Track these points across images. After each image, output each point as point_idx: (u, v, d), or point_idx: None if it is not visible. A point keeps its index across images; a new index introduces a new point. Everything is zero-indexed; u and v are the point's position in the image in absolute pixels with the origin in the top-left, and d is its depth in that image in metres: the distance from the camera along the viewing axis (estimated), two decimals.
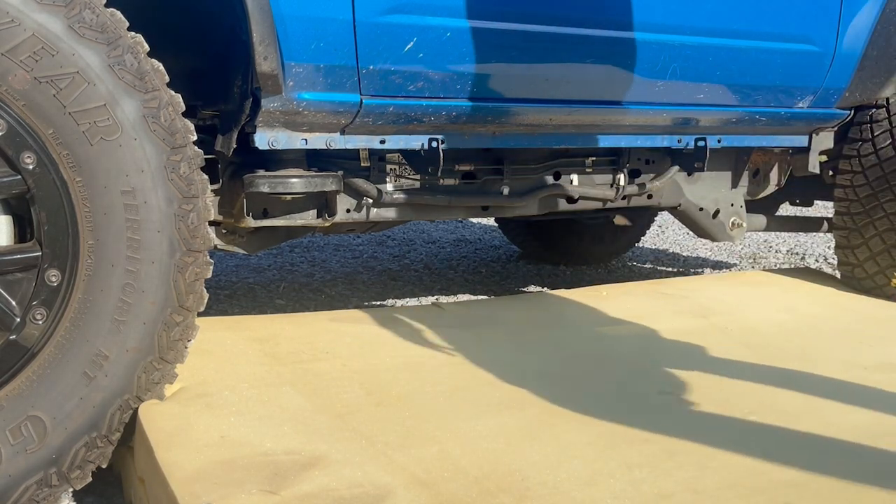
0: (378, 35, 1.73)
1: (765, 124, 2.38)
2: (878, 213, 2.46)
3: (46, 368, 1.31)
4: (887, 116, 2.44)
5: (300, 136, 1.80)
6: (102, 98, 1.31)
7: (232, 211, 1.91)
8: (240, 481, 1.20)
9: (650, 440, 1.38)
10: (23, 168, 1.27)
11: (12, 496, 1.30)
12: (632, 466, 1.29)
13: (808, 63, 2.29)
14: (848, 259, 2.57)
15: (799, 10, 2.23)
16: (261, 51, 1.61)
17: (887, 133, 2.43)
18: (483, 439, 1.37)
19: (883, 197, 2.43)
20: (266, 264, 3.55)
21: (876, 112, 2.46)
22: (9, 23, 1.23)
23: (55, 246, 1.31)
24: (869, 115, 2.47)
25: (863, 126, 2.48)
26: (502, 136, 2.06)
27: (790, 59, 2.26)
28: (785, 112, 2.36)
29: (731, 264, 3.96)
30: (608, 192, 2.34)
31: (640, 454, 1.33)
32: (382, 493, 1.18)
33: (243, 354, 1.70)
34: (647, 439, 1.38)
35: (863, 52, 2.35)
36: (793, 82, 2.30)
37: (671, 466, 1.29)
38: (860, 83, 2.39)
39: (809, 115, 2.42)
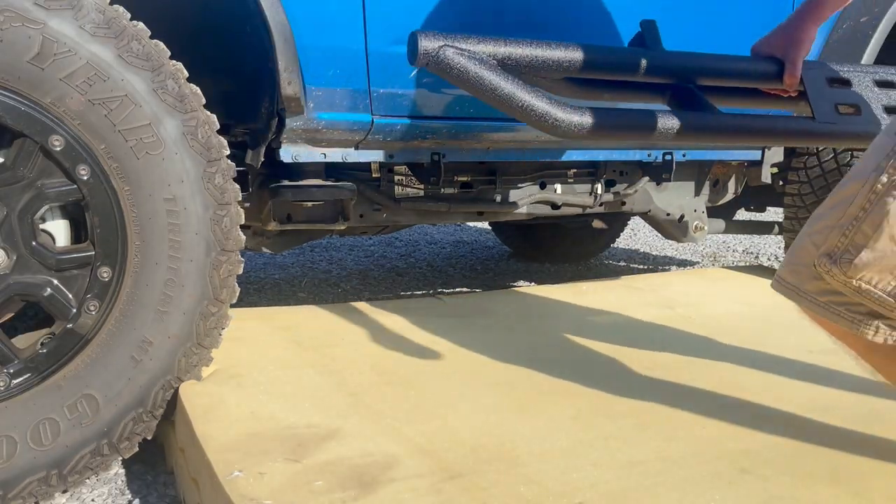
0: (387, 63, 1.73)
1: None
2: None
3: (99, 353, 1.31)
4: None
5: (320, 151, 1.79)
6: (147, 118, 1.30)
7: (260, 216, 1.91)
8: (267, 451, 1.19)
9: (625, 415, 1.37)
10: (78, 178, 1.27)
11: (70, 463, 1.30)
12: (609, 438, 1.29)
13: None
14: None
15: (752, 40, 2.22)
16: (285, 76, 1.60)
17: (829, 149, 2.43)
18: (479, 414, 1.37)
19: None
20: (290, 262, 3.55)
21: None
22: (66, 52, 1.23)
23: (106, 246, 1.30)
24: None
25: None
26: (495, 151, 2.06)
27: None
28: None
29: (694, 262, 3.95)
30: (587, 200, 2.34)
31: (617, 427, 1.33)
32: (391, 461, 1.18)
33: (270, 341, 1.70)
34: (623, 414, 1.38)
35: None
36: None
37: (643, 438, 1.29)
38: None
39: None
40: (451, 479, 1.13)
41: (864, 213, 1.01)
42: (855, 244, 1.02)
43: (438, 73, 1.19)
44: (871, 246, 1.01)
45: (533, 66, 1.27)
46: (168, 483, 1.44)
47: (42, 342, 1.30)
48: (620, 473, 1.17)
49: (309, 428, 1.28)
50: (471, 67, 1.16)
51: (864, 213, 1.01)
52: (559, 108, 1.24)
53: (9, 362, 1.26)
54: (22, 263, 1.26)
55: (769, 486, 1.15)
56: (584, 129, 1.24)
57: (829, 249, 1.04)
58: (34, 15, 1.21)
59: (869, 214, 1.01)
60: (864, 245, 1.01)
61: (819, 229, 1.07)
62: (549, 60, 1.27)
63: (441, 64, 1.16)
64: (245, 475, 1.11)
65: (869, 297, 1.02)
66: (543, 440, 1.27)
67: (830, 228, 1.05)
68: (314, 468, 1.15)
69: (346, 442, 1.24)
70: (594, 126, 1.25)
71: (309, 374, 1.53)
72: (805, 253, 1.08)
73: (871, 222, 1.00)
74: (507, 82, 1.20)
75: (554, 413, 1.39)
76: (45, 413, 1.27)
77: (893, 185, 0.99)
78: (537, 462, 1.20)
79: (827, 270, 1.04)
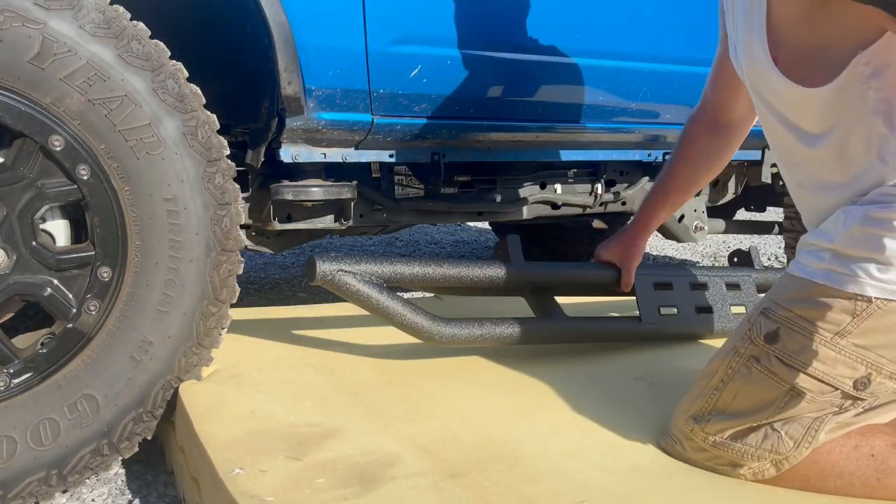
0: (387, 63, 1.73)
1: None
2: None
3: (99, 353, 1.31)
4: None
5: (320, 151, 1.80)
6: (147, 118, 1.31)
7: (260, 216, 1.91)
8: (267, 449, 1.20)
9: (626, 420, 1.37)
10: (79, 178, 1.27)
11: (70, 463, 1.30)
12: (610, 442, 1.29)
13: None
14: None
15: None
16: (285, 77, 1.61)
17: None
18: (479, 415, 1.37)
19: None
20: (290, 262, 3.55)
21: None
22: (66, 52, 1.23)
23: (106, 246, 1.30)
24: None
25: None
26: (495, 151, 2.06)
27: None
28: None
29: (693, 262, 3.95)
30: (587, 200, 2.34)
31: (618, 432, 1.33)
32: (392, 460, 1.18)
33: (270, 341, 1.70)
34: (624, 419, 1.38)
35: None
36: None
37: (646, 445, 1.30)
38: None
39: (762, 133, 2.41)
40: (452, 477, 1.13)
41: (723, 384, 1.23)
42: (716, 409, 1.23)
43: (333, 291, 1.45)
44: (728, 412, 1.22)
45: (413, 283, 1.55)
46: (168, 483, 1.44)
47: (42, 342, 1.30)
48: (622, 477, 1.17)
49: (309, 427, 1.28)
50: (361, 288, 1.43)
51: (723, 384, 1.23)
52: (433, 322, 1.51)
53: (9, 362, 1.26)
54: (22, 263, 1.26)
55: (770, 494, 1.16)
56: (455, 338, 1.53)
57: (695, 413, 1.25)
58: (34, 15, 1.21)
59: (727, 385, 1.23)
60: (723, 409, 1.22)
61: (688, 398, 1.29)
62: (426, 277, 1.55)
63: (335, 284, 1.43)
64: (246, 473, 1.12)
65: (722, 447, 1.21)
66: (545, 442, 1.27)
67: (696, 396, 1.26)
68: (315, 466, 1.15)
69: (347, 440, 1.24)
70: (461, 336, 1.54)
71: (309, 373, 1.53)
72: (679, 418, 1.28)
73: (729, 391, 1.22)
74: (390, 300, 1.48)
75: (556, 416, 1.39)
76: (45, 413, 1.27)
77: (745, 361, 1.21)
78: (539, 462, 1.20)
79: (691, 429, 1.24)
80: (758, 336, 1.21)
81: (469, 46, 1.82)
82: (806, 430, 1.17)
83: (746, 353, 1.22)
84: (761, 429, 1.19)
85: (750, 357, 1.21)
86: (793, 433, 1.18)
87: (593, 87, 2.04)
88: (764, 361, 1.19)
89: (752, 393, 1.20)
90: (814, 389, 1.16)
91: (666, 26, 2.09)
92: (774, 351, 1.18)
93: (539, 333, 1.65)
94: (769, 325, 1.20)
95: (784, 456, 1.18)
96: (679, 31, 2.12)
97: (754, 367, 1.20)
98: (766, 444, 1.19)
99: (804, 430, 1.17)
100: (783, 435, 1.18)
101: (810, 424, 1.17)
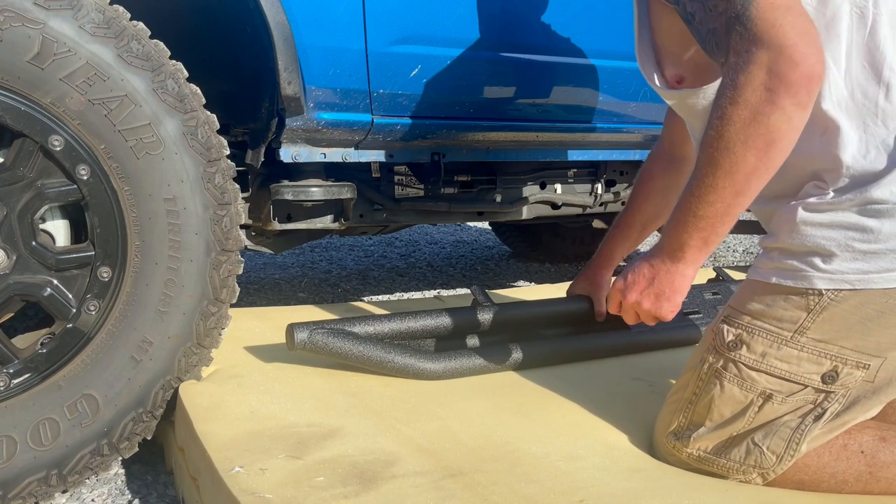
0: (387, 63, 1.73)
1: None
2: None
3: (99, 353, 1.31)
4: None
5: (320, 151, 1.80)
6: (147, 118, 1.31)
7: (260, 216, 1.91)
8: (267, 449, 1.20)
9: (625, 421, 1.37)
10: (78, 178, 1.27)
11: (70, 463, 1.30)
12: (609, 444, 1.29)
13: None
14: None
15: None
16: (285, 77, 1.61)
17: None
18: (479, 416, 1.37)
19: None
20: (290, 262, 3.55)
21: None
22: (66, 52, 1.23)
23: (106, 246, 1.31)
24: None
25: None
26: (495, 151, 2.07)
27: None
28: None
29: None
30: (587, 200, 2.34)
31: (617, 433, 1.33)
32: (392, 459, 1.18)
33: (270, 341, 1.70)
34: (623, 421, 1.38)
35: None
36: None
37: (644, 446, 1.30)
38: None
39: None
40: (451, 476, 1.14)
41: (695, 397, 1.23)
42: (693, 423, 1.23)
43: (314, 353, 1.49)
44: (706, 425, 1.22)
45: (389, 336, 1.57)
46: (168, 483, 1.44)
47: (42, 342, 1.30)
48: (621, 477, 1.17)
49: (309, 427, 1.28)
50: (337, 343, 1.49)
51: (696, 397, 1.23)
52: (418, 359, 1.53)
53: (9, 362, 1.26)
54: (22, 263, 1.26)
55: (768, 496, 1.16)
56: (434, 373, 1.54)
57: (674, 430, 1.25)
58: (34, 15, 1.21)
59: (700, 398, 1.23)
60: (700, 423, 1.22)
61: (664, 414, 1.29)
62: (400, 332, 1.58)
63: (315, 345, 1.47)
64: (246, 471, 1.12)
65: (706, 462, 1.22)
66: (544, 443, 1.27)
67: (672, 412, 1.27)
68: (315, 465, 1.15)
69: (347, 440, 1.24)
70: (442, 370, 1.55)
71: (309, 373, 1.53)
72: (659, 435, 1.28)
73: (703, 404, 1.22)
74: (374, 350, 1.51)
75: (555, 416, 1.39)
76: (45, 413, 1.27)
77: (714, 372, 1.21)
78: (538, 463, 1.20)
79: (673, 446, 1.25)
80: (722, 345, 1.21)
81: (469, 46, 1.82)
82: (787, 444, 1.17)
83: (713, 363, 1.21)
84: (742, 443, 1.19)
85: (717, 367, 1.21)
86: (774, 448, 1.17)
87: (593, 87, 2.04)
88: (731, 369, 1.19)
89: (724, 402, 1.20)
90: (783, 390, 1.16)
91: None
92: (739, 357, 1.19)
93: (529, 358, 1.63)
94: (731, 332, 1.20)
95: (768, 469, 1.18)
96: None
97: (723, 376, 1.20)
98: (749, 460, 1.19)
99: (785, 444, 1.17)
100: (765, 450, 1.18)
101: (791, 437, 1.17)
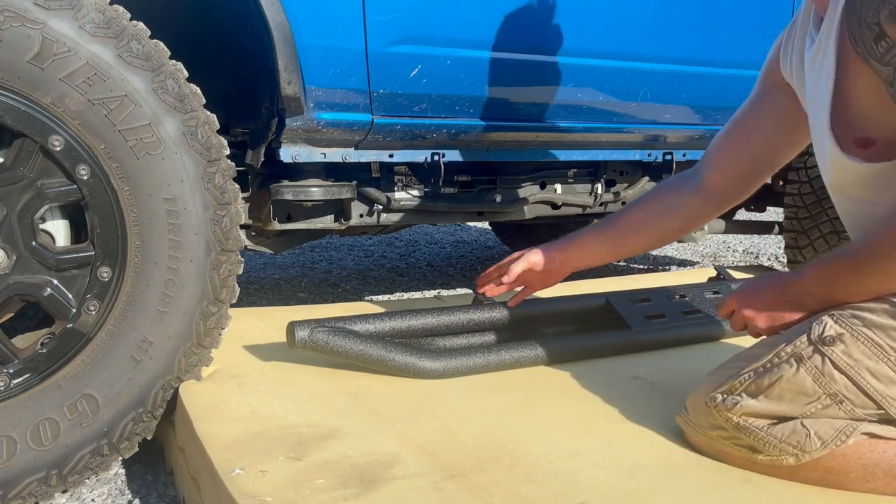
0: (387, 63, 1.73)
1: None
2: (822, 218, 2.45)
3: (99, 353, 1.31)
4: None
5: (320, 151, 1.80)
6: (147, 118, 1.30)
7: (260, 216, 1.91)
8: (268, 450, 1.19)
9: (627, 419, 1.37)
10: (78, 179, 1.27)
11: (70, 463, 1.30)
12: (610, 442, 1.28)
13: None
14: (796, 258, 2.57)
15: (753, 40, 2.23)
16: (285, 76, 1.61)
17: None
18: (479, 415, 1.37)
19: (826, 204, 2.42)
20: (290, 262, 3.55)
21: None
22: (66, 52, 1.23)
23: (106, 246, 1.30)
24: None
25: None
26: (495, 151, 2.06)
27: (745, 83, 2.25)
28: None
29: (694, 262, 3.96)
30: (587, 200, 2.34)
31: (618, 431, 1.33)
32: (392, 460, 1.18)
33: (270, 341, 1.70)
34: (624, 418, 1.38)
35: None
36: None
37: (645, 443, 1.29)
38: None
39: None
40: (452, 478, 1.13)
41: (764, 370, 1.20)
42: (749, 391, 1.20)
43: (315, 351, 1.48)
44: (760, 398, 1.19)
45: (390, 334, 1.57)
46: (168, 483, 1.44)
47: (42, 342, 1.30)
48: (622, 476, 1.17)
49: (309, 427, 1.28)
50: (338, 341, 1.49)
51: (765, 370, 1.20)
52: (419, 357, 1.53)
53: (9, 362, 1.26)
54: (22, 263, 1.26)
55: (770, 495, 1.15)
56: (435, 372, 1.54)
57: (722, 389, 1.22)
58: (34, 15, 1.21)
59: (769, 372, 1.19)
60: (756, 394, 1.20)
61: (719, 374, 1.26)
62: (399, 330, 1.58)
63: (315, 343, 1.48)
64: (246, 473, 1.11)
65: (743, 431, 1.20)
66: (545, 442, 1.27)
67: (730, 375, 1.23)
68: (315, 466, 1.15)
69: (347, 441, 1.24)
70: (443, 369, 1.55)
71: (309, 374, 1.53)
72: (702, 391, 1.26)
73: (769, 378, 1.19)
74: (369, 346, 1.51)
75: (555, 415, 1.39)
76: (45, 413, 1.27)
77: (796, 355, 1.18)
78: (539, 463, 1.20)
79: (715, 406, 1.22)
80: (819, 335, 1.16)
81: (469, 46, 1.82)
82: (837, 434, 1.14)
83: (800, 346, 1.17)
84: (790, 422, 1.17)
85: (802, 352, 1.17)
86: (822, 434, 1.15)
87: (593, 87, 2.04)
88: (815, 360, 1.15)
89: (791, 386, 1.17)
90: (857, 402, 1.14)
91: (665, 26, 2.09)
92: (831, 354, 1.15)
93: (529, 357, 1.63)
94: (835, 328, 1.16)
95: (807, 452, 1.16)
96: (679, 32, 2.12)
97: (804, 363, 1.16)
98: (791, 439, 1.16)
99: (835, 434, 1.15)
100: (812, 434, 1.15)
101: (843, 428, 1.14)
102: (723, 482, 1.18)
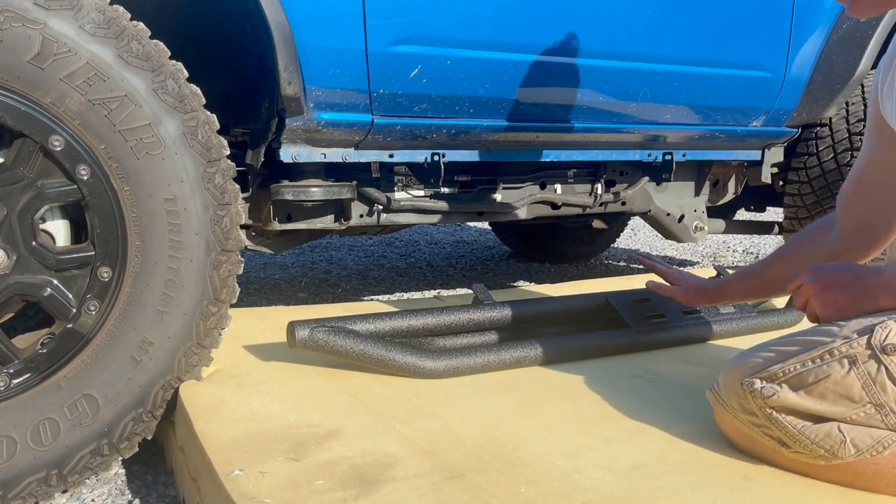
0: (387, 63, 1.73)
1: (723, 141, 2.38)
2: None
3: (99, 353, 1.31)
4: (830, 134, 2.44)
5: (320, 151, 1.80)
6: (147, 118, 1.30)
7: (260, 216, 1.91)
8: (267, 450, 1.19)
9: (626, 418, 1.37)
10: (78, 179, 1.27)
11: (70, 463, 1.30)
12: (609, 441, 1.28)
13: (762, 87, 2.29)
14: None
15: (753, 40, 2.23)
16: (285, 77, 1.61)
17: (830, 148, 2.43)
18: (478, 415, 1.37)
19: (826, 204, 2.42)
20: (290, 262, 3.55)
21: (820, 130, 2.46)
22: (66, 52, 1.23)
23: (106, 246, 1.30)
24: (814, 133, 2.47)
25: (809, 142, 2.48)
26: (495, 151, 2.06)
27: (746, 84, 2.26)
28: (741, 130, 2.36)
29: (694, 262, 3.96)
30: (587, 200, 2.34)
31: (617, 430, 1.33)
32: (391, 461, 1.18)
33: (270, 341, 1.70)
34: (624, 417, 1.38)
35: (809, 78, 2.35)
36: (748, 104, 2.30)
37: (645, 441, 1.29)
38: (807, 105, 2.39)
39: (762, 133, 2.42)
40: (451, 478, 1.13)
41: (812, 364, 1.14)
42: (790, 383, 1.15)
43: (315, 351, 1.50)
44: (800, 392, 1.14)
45: (390, 334, 1.57)
46: (168, 483, 1.44)
47: (42, 342, 1.29)
48: (622, 476, 1.17)
49: (309, 428, 1.28)
50: (338, 341, 1.50)
51: (813, 364, 1.14)
52: (419, 357, 1.53)
53: (9, 362, 1.26)
54: (22, 263, 1.26)
55: (771, 492, 1.15)
56: (435, 371, 1.54)
57: (762, 375, 1.17)
58: (34, 15, 1.21)
59: (817, 367, 1.14)
60: (797, 387, 1.15)
61: (762, 355, 1.20)
62: (401, 329, 1.58)
63: (315, 343, 1.48)
64: (245, 474, 1.11)
65: (774, 423, 1.16)
66: (544, 441, 1.27)
67: (774, 361, 1.18)
68: (315, 467, 1.15)
69: (347, 441, 1.24)
70: (443, 369, 1.55)
71: (308, 374, 1.53)
72: (739, 370, 1.21)
73: (815, 373, 1.14)
74: (369, 346, 1.51)
75: (555, 415, 1.39)
76: (45, 413, 1.27)
77: (851, 357, 1.12)
78: (538, 463, 1.20)
79: (749, 390, 1.18)
80: (880, 341, 1.11)
81: (469, 47, 1.82)
82: (874, 444, 1.11)
83: (857, 349, 1.12)
84: (828, 424, 1.13)
85: (857, 354, 1.11)
86: (858, 443, 1.12)
87: (593, 88, 2.04)
88: (869, 366, 1.11)
89: (838, 387, 1.12)
90: None
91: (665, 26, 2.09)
92: (889, 364, 1.10)
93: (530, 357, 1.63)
94: None
95: (839, 458, 1.13)
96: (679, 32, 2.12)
97: (857, 366, 1.11)
98: (825, 443, 1.13)
99: (872, 443, 1.11)
100: (847, 441, 1.12)
101: (881, 439, 1.11)
102: (722, 481, 1.18)
